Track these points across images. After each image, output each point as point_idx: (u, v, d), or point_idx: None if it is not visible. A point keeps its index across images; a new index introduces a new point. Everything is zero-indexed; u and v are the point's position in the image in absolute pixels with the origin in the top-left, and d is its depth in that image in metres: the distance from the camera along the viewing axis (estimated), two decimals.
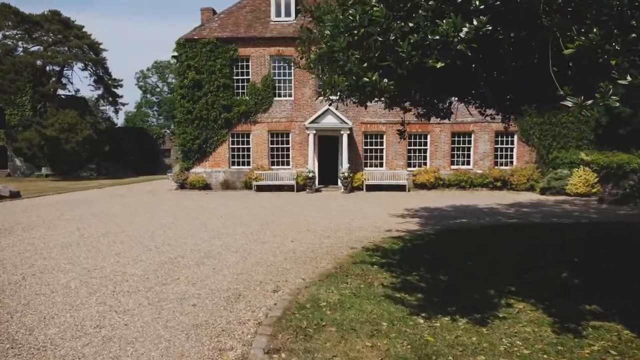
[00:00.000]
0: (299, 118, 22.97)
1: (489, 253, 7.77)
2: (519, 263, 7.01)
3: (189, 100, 22.93)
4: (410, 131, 23.32)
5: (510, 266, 6.83)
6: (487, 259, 7.32)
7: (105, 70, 44.38)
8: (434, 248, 8.10)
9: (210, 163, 23.36)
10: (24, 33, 40.03)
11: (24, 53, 39.51)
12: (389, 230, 10.44)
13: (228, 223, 11.80)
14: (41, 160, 41.10)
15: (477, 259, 7.25)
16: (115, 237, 9.76)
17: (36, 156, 39.97)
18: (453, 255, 7.55)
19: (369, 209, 14.94)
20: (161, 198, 18.94)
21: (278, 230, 10.59)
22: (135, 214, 13.88)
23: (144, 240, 9.41)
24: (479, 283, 5.93)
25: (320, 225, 11.34)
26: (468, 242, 8.66)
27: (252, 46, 22.92)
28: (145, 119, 71.52)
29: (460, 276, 6.25)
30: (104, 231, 10.56)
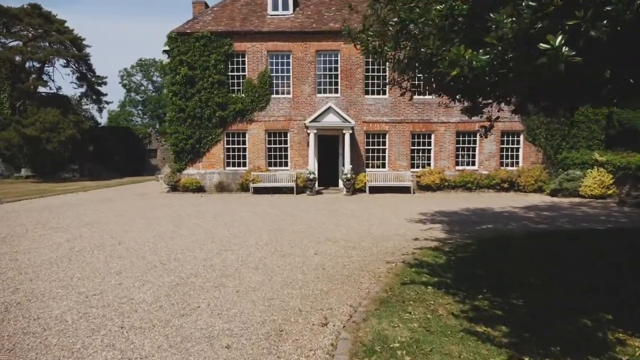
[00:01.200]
0: (297, 116, 21.88)
1: (544, 266, 6.83)
2: (585, 279, 6.07)
3: (182, 97, 21.66)
4: (413, 130, 22.51)
5: (578, 283, 5.90)
6: (546, 274, 6.37)
7: (89, 67, 42.65)
8: (483, 262, 7.11)
9: (204, 164, 22.13)
10: (2, 27, 38.12)
11: (1, 48, 37.60)
12: (417, 239, 9.45)
13: (235, 231, 10.68)
14: (21, 161, 39.28)
15: (536, 275, 6.29)
16: (111, 251, 8.57)
17: (16, 157, 38.16)
18: (508, 270, 6.58)
19: (381, 213, 13.94)
20: (154, 202, 17.68)
21: (294, 239, 9.51)
22: (129, 221, 12.65)
23: (145, 254, 8.24)
24: (561, 308, 4.96)
25: (338, 233, 10.30)
26: (515, 254, 7.71)
27: (248, 41, 21.76)
28: (129, 119, 69.54)
29: (534, 299, 5.28)
30: (97, 243, 9.35)
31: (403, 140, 21.95)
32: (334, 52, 21.86)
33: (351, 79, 21.80)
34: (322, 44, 21.74)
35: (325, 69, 22.04)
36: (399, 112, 21.85)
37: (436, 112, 21.81)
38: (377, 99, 21.89)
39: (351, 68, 21.76)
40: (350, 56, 21.64)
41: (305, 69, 21.79)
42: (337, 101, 21.54)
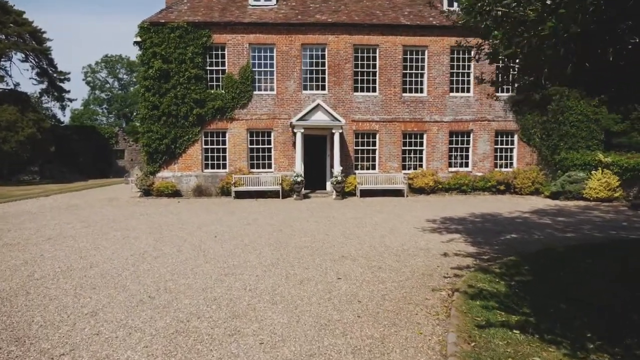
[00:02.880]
0: (282, 115, 20.36)
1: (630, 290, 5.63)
2: None
3: (155, 93, 19.77)
4: (404, 130, 21.34)
5: None
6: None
7: (50, 62, 39.75)
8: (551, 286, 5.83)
9: (180, 166, 20.31)
10: None
11: None
12: (446, 255, 8.16)
13: (229, 246, 9.12)
14: None
15: (636, 307, 5.07)
16: (82, 277, 6.89)
17: None
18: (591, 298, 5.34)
19: (385, 221, 12.63)
20: (128, 210, 15.82)
21: (304, 258, 8.04)
22: (101, 234, 10.88)
23: (126, 281, 6.62)
24: None
25: (351, 247, 8.89)
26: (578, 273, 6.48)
27: (228, 32, 20.08)
28: (94, 118, 66.10)
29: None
30: (64, 266, 7.63)
31: (394, 141, 20.74)
32: (321, 45, 20.45)
33: (339, 75, 20.44)
34: (308, 37, 20.30)
35: (311, 64, 20.60)
36: (390, 111, 20.63)
37: (428, 110, 20.73)
38: (366, 97, 20.61)
39: (339, 63, 20.40)
40: (338, 50, 20.30)
41: (290, 63, 20.29)
42: (325, 98, 20.14)
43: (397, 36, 20.46)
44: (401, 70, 20.59)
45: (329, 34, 20.30)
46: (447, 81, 20.75)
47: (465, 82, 20.94)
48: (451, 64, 20.77)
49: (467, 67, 20.85)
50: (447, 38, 20.50)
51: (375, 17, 20.66)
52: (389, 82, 20.57)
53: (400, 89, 20.63)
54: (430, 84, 20.72)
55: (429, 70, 20.70)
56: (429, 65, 20.70)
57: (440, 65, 20.66)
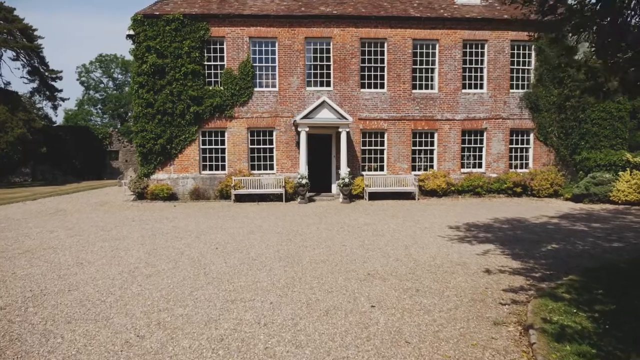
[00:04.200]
0: (284, 112, 19.14)
1: None
2: None
3: (149, 90, 18.50)
4: (414, 129, 20.16)
5: None
6: None
7: (41, 60, 38.35)
8: None
9: (176, 167, 19.05)
10: None
11: None
12: (489, 272, 6.96)
13: (234, 261, 7.89)
14: None
15: None
16: (56, 306, 5.65)
17: None
18: None
19: (403, 228, 11.43)
20: (119, 215, 14.55)
21: (323, 276, 6.82)
22: (87, 245, 9.63)
23: (110, 311, 5.38)
24: None
25: (376, 262, 7.68)
26: None
27: (227, 25, 18.84)
28: (88, 118, 64.59)
29: None
30: (37, 289, 6.38)
31: (403, 140, 19.55)
32: (326, 39, 19.24)
33: (345, 71, 19.23)
34: (312, 30, 19.08)
35: (315, 59, 19.38)
36: (399, 108, 19.44)
37: (440, 108, 19.55)
38: (374, 93, 19.41)
39: (345, 58, 19.20)
40: (343, 44, 19.09)
41: (293, 58, 19.06)
42: (330, 95, 18.94)
43: (407, 29, 19.28)
44: (411, 65, 19.41)
45: (334, 27, 19.10)
46: (459, 77, 19.58)
47: (478, 78, 19.77)
48: (464, 58, 19.61)
49: (480, 62, 19.70)
50: (459, 31, 19.35)
51: (382, 9, 19.48)
52: (398, 78, 19.38)
53: (409, 85, 19.44)
54: (442, 79, 19.55)
55: (440, 65, 19.52)
56: (440, 59, 19.52)
57: (452, 60, 19.49)
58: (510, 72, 19.69)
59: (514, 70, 19.80)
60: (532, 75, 19.76)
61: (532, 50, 19.70)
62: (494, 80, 19.59)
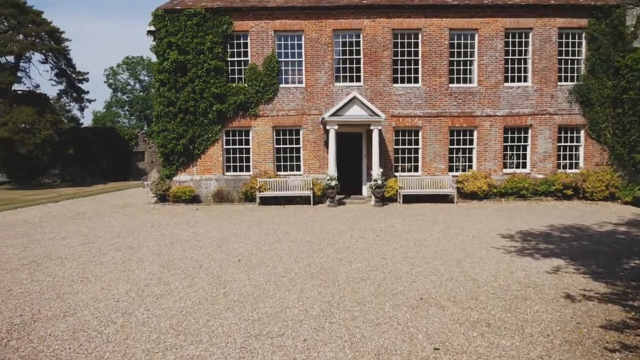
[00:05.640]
0: (312, 110, 18.00)
1: None
2: None
3: (171, 88, 17.67)
4: (452, 126, 18.71)
5: None
6: None
7: (68, 62, 38.37)
8: None
9: (198, 169, 18.16)
10: None
11: None
12: (572, 299, 5.62)
13: (259, 278, 6.77)
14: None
15: None
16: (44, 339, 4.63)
17: None
18: None
19: (448, 236, 10.11)
20: (138, 220, 13.69)
21: (367, 302, 5.61)
22: (98, 254, 8.69)
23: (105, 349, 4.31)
24: None
25: (427, 282, 6.43)
26: None
27: (250, 19, 17.83)
28: (115, 120, 65.14)
29: None
30: (29, 312, 5.39)
31: (440, 138, 18.13)
32: (356, 31, 18.01)
33: (376, 64, 17.95)
34: (340, 21, 17.88)
35: (344, 53, 18.17)
36: (435, 104, 18.04)
37: (479, 103, 18.05)
38: (408, 88, 18.06)
39: (376, 51, 17.92)
40: (374, 36, 17.82)
41: (321, 52, 17.91)
42: (360, 91, 17.70)
43: (443, 18, 17.87)
44: (447, 57, 17.98)
45: (364, 18, 17.85)
46: (501, 69, 18.03)
47: (522, 70, 18.17)
48: (506, 49, 18.05)
49: (524, 52, 18.10)
50: (500, 19, 17.82)
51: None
52: (434, 72, 17.99)
53: (446, 79, 18.02)
54: (482, 72, 18.04)
55: (480, 57, 18.02)
56: (479, 51, 18.02)
57: (492, 51, 17.96)
58: (558, 63, 18.02)
59: (562, 61, 18.11)
60: (583, 66, 18.04)
61: (583, 39, 17.98)
62: (540, 72, 17.96)
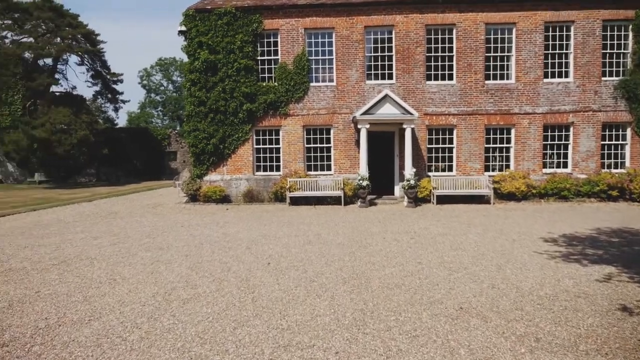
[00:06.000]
0: (343, 109, 17.68)
1: None
2: None
3: (202, 87, 17.69)
4: (488, 124, 18.05)
5: None
6: None
7: (103, 64, 39.31)
8: None
9: (229, 168, 18.12)
10: (13, 22, 35.00)
11: (11, 45, 34.48)
12: (629, 312, 5.11)
13: (288, 282, 6.52)
14: (35, 165, 36.31)
15: None
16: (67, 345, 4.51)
17: (29, 161, 35.13)
18: None
19: (487, 239, 9.62)
20: (169, 219, 13.70)
21: (402, 311, 5.27)
22: (127, 255, 8.64)
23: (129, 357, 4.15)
24: None
25: (466, 289, 6.01)
26: None
27: (281, 17, 17.66)
28: (149, 120, 66.54)
29: None
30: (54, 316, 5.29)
31: (475, 137, 17.50)
32: (388, 27, 17.57)
33: (409, 61, 17.47)
34: (372, 18, 17.48)
35: (376, 50, 17.76)
36: (470, 101, 17.42)
37: (517, 100, 17.32)
38: (442, 86, 17.51)
39: (409, 47, 17.44)
40: (407, 32, 17.34)
41: (352, 49, 17.56)
42: (392, 89, 17.27)
43: (479, 13, 17.23)
44: (483, 53, 17.34)
45: (397, 14, 17.40)
46: (540, 64, 17.25)
47: (563, 65, 17.34)
48: (545, 43, 17.26)
49: (565, 46, 17.27)
50: (540, 12, 17.06)
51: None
52: (469, 68, 17.37)
53: (482, 75, 17.38)
54: (520, 68, 17.31)
55: (518, 52, 17.29)
56: (517, 45, 17.29)
57: (531, 46, 17.21)
58: (602, 57, 17.11)
59: (606, 55, 17.20)
60: (630, 59, 17.07)
61: (630, 31, 17.00)
62: (582, 67, 17.10)
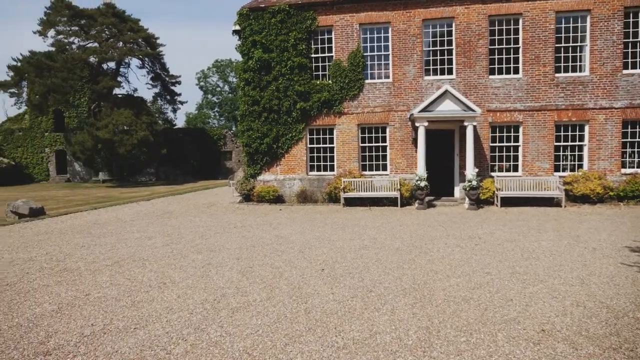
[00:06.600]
0: (399, 106, 16.96)
1: None
2: None
3: (255, 87, 17.58)
4: (558, 121, 16.69)
5: None
6: None
7: (162, 66, 40.63)
8: None
9: (282, 168, 17.90)
10: (79, 29, 36.90)
11: (77, 50, 36.35)
12: None
13: (343, 292, 6.03)
14: (99, 165, 38.18)
15: None
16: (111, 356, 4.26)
17: (94, 160, 36.96)
18: None
19: (562, 247, 8.66)
20: (222, 220, 13.62)
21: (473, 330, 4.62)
22: (179, 257, 8.50)
23: None
24: None
25: (547, 307, 5.26)
26: None
27: (335, 12, 17.20)
28: (206, 120, 68.39)
29: None
30: (100, 322, 5.10)
31: (544, 134, 16.22)
32: (447, 20, 16.66)
33: (470, 55, 16.47)
34: (430, 10, 16.64)
35: (435, 44, 16.90)
36: (538, 96, 16.17)
37: (592, 94, 15.88)
38: (506, 80, 16.37)
39: (470, 40, 16.44)
40: (468, 24, 16.35)
41: (409, 44, 16.80)
42: (452, 84, 16.35)
43: (548, 0, 15.95)
44: (553, 43, 16.03)
45: (457, 5, 16.45)
46: (619, 54, 15.72)
47: None
48: (625, 30, 15.70)
49: None
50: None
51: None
52: (537, 60, 16.13)
53: (551, 67, 16.08)
54: (594, 59, 15.85)
55: (593, 42, 15.84)
56: (592, 34, 15.84)
57: (608, 34, 15.71)
58: None
59: None
60: None
61: None
62: None
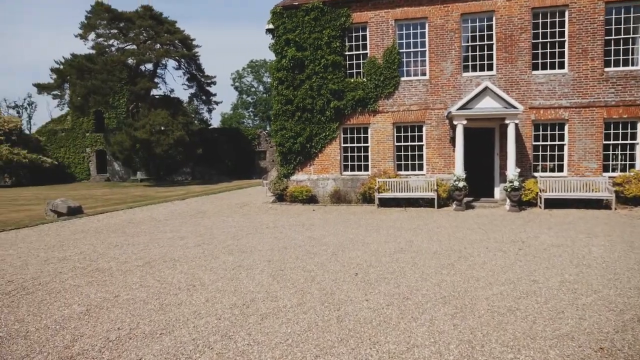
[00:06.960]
0: (436, 104, 16.41)
1: None
2: None
3: (289, 85, 17.41)
4: (607, 118, 15.70)
5: None
6: None
7: (198, 67, 41.20)
8: None
9: (315, 168, 17.65)
10: (118, 31, 37.90)
11: (116, 52, 37.33)
12: None
13: (377, 298, 5.68)
14: (137, 164, 39.11)
15: None
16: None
17: (132, 160, 37.88)
18: None
19: (616, 254, 8.01)
20: (255, 220, 13.49)
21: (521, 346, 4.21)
22: (211, 259, 8.36)
23: None
24: None
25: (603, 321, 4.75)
26: None
27: (369, 9, 16.81)
28: (240, 120, 69.12)
29: None
30: (127, 327, 4.95)
31: (591, 133, 15.32)
32: (487, 14, 15.99)
33: (512, 50, 15.74)
34: (469, 4, 16.01)
35: (474, 39, 16.25)
36: (585, 92, 15.28)
37: None
38: (550, 75, 15.56)
39: (512, 34, 15.71)
40: (510, 18, 15.63)
41: (447, 40, 16.22)
42: (492, 80, 15.68)
43: None
44: (602, 36, 15.11)
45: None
46: None
47: None
48: None
49: None
50: None
51: None
52: (584, 54, 15.25)
53: (601, 61, 15.16)
54: None
55: None
56: None
57: None
58: None
59: None
60: None
61: None
62: None
